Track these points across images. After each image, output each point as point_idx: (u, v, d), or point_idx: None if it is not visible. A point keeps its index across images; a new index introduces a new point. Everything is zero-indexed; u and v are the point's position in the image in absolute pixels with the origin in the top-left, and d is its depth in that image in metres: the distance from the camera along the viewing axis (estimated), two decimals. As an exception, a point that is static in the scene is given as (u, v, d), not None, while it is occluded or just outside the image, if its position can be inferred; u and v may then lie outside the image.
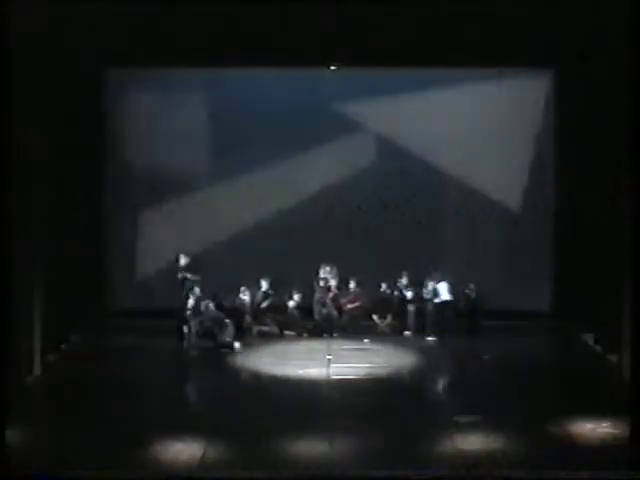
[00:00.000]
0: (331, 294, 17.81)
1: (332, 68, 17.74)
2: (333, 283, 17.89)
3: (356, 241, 18.44)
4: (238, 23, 15.30)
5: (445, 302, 17.49)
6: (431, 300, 17.49)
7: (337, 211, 18.64)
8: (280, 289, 17.83)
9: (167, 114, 18.42)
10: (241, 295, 17.61)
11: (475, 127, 18.45)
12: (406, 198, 18.66)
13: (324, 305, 17.73)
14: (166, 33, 15.54)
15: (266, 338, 17.33)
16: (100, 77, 18.05)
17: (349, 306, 17.92)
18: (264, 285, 17.75)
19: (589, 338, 16.89)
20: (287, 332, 17.65)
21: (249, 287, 17.66)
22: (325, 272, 17.91)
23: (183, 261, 17.27)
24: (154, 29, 15.39)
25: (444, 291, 17.52)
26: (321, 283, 17.84)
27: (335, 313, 17.75)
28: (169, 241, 18.16)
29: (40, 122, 14.71)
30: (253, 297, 17.67)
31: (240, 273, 17.97)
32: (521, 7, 14.70)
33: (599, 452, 11.15)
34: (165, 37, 15.66)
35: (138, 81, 18.44)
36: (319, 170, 18.53)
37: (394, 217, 18.60)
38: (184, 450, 11.21)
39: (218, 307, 16.98)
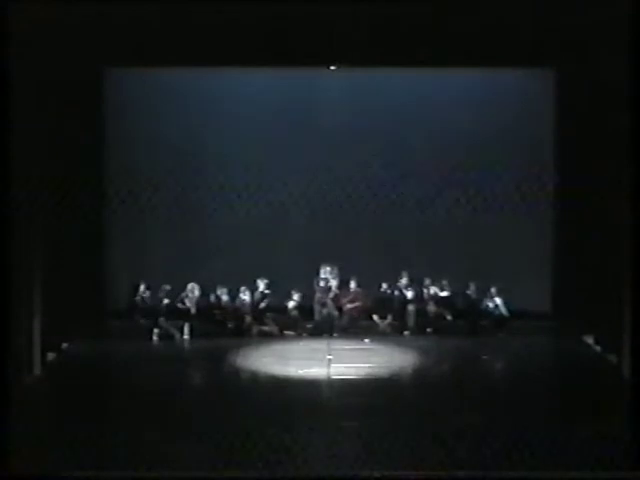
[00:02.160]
0: (331, 294, 17.80)
1: (332, 68, 17.75)
2: (333, 283, 17.89)
3: (356, 241, 18.43)
4: (238, 23, 15.28)
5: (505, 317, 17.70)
6: (493, 313, 17.72)
7: (337, 211, 18.59)
8: (280, 289, 17.82)
9: (167, 114, 18.44)
10: (241, 295, 17.63)
11: (475, 127, 18.47)
12: (406, 198, 18.63)
13: (324, 305, 17.72)
14: (166, 33, 15.51)
15: (266, 338, 17.32)
16: (100, 77, 18.06)
17: (349, 306, 17.91)
18: (261, 285, 17.74)
19: (589, 338, 16.89)
20: (287, 332, 17.65)
21: (248, 287, 17.69)
22: (325, 272, 17.91)
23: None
24: (154, 29, 15.37)
25: (502, 306, 17.72)
26: (321, 283, 17.84)
27: (335, 313, 17.74)
28: (169, 241, 18.15)
29: (40, 122, 14.69)
30: (253, 297, 17.69)
31: (240, 273, 17.96)
32: (521, 7, 14.68)
33: (599, 452, 11.14)
34: (165, 37, 15.64)
35: (138, 81, 18.45)
36: (318, 170, 18.52)
37: (394, 217, 18.58)
38: (184, 450, 11.21)
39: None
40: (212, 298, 17.66)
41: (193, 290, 17.45)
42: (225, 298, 17.64)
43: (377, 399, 13.50)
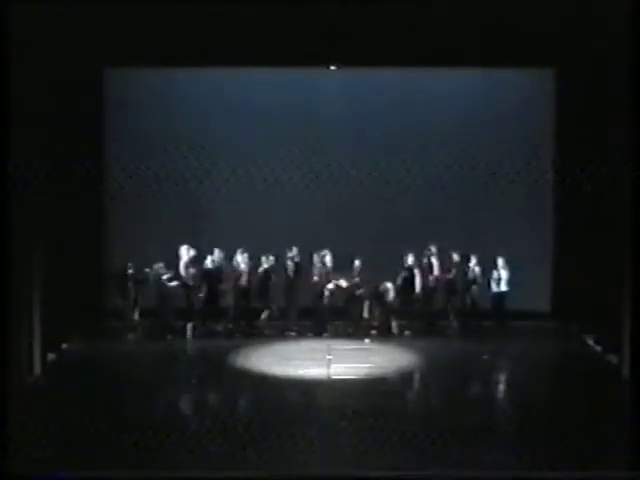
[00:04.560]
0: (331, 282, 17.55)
1: (332, 68, 17.77)
2: (329, 267, 17.62)
3: (356, 240, 18.39)
4: (238, 23, 15.30)
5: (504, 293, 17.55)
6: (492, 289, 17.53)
7: (336, 211, 18.61)
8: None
9: (167, 114, 18.44)
10: (238, 257, 17.52)
11: (475, 126, 18.49)
12: (405, 198, 18.65)
13: (322, 291, 17.48)
14: (166, 33, 15.53)
15: (266, 338, 17.30)
16: (100, 77, 18.09)
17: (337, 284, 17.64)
18: (264, 261, 17.67)
19: (589, 338, 16.90)
20: (287, 332, 17.63)
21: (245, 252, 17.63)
22: (320, 257, 17.72)
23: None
24: (154, 29, 15.38)
25: (504, 282, 17.54)
26: (317, 270, 17.60)
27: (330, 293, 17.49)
28: (169, 240, 18.14)
29: (40, 122, 14.70)
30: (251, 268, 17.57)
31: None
32: (521, 7, 14.69)
33: (599, 452, 11.15)
34: (165, 37, 15.65)
35: (138, 81, 18.47)
36: (318, 170, 18.55)
37: (393, 218, 18.57)
38: (183, 450, 11.21)
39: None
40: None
41: (188, 251, 17.37)
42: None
43: (377, 399, 13.49)
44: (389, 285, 17.44)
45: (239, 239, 17.83)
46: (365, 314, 17.69)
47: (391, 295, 17.44)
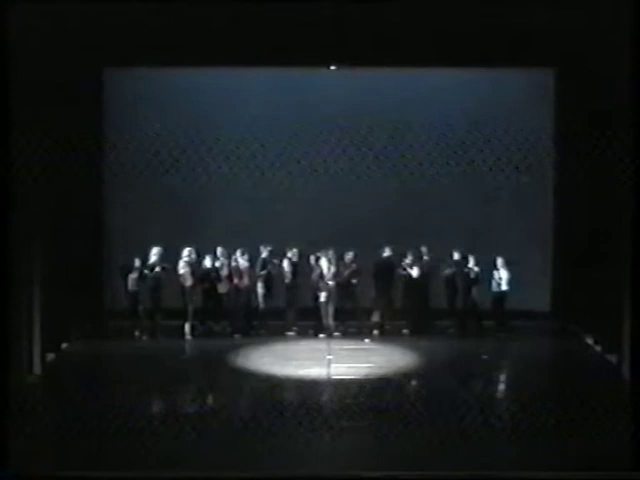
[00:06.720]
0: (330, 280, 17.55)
1: (332, 68, 17.79)
2: (325, 266, 17.59)
3: (356, 240, 18.39)
4: (238, 23, 15.30)
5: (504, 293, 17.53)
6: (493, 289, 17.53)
7: (336, 211, 18.62)
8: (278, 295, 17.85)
9: (166, 114, 18.45)
10: (239, 257, 17.51)
11: (475, 126, 18.49)
12: (405, 198, 18.66)
13: (320, 290, 17.46)
14: (166, 33, 15.54)
15: (266, 338, 17.30)
16: (100, 77, 18.10)
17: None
18: (264, 253, 17.67)
19: (589, 338, 16.90)
20: (287, 332, 17.63)
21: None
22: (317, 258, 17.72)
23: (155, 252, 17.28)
24: (154, 29, 15.39)
25: (505, 282, 17.54)
26: (316, 270, 17.55)
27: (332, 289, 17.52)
28: (169, 240, 18.15)
29: (40, 122, 14.69)
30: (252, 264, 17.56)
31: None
32: (521, 7, 14.70)
33: (599, 452, 11.15)
34: (165, 37, 15.66)
35: (138, 81, 18.48)
36: (318, 169, 18.55)
37: (392, 218, 18.57)
38: (183, 449, 11.21)
39: None
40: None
41: (190, 254, 17.35)
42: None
43: (377, 399, 13.49)
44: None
45: (238, 239, 17.86)
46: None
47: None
